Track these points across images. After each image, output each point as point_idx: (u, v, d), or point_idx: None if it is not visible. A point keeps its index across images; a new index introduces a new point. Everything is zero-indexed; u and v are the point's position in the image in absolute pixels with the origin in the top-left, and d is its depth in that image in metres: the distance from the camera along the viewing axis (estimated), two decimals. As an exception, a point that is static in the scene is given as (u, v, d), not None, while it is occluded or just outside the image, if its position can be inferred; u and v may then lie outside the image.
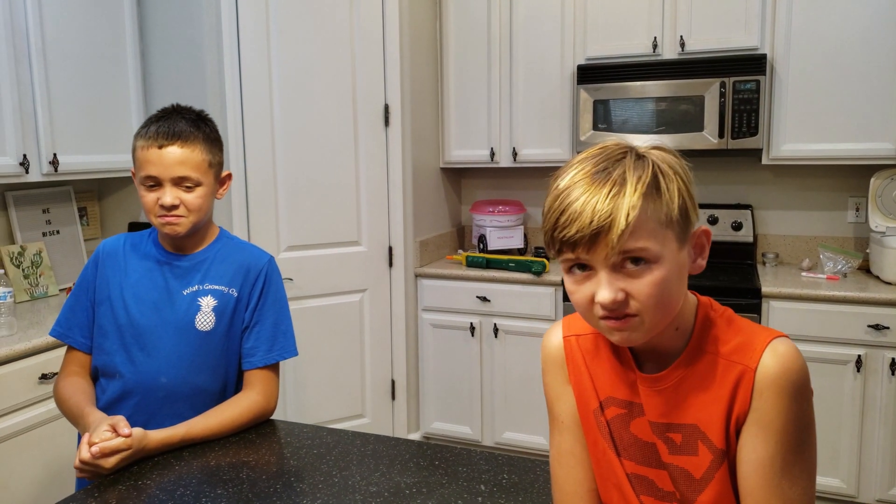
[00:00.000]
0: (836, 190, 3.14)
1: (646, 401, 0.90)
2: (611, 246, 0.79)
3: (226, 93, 2.71)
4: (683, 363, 0.88)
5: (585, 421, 0.97)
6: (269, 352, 1.51)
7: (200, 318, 1.46)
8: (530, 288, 3.07)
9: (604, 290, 0.81)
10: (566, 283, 0.86)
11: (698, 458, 0.87)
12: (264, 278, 1.53)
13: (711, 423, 0.86)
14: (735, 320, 0.90)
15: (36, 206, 2.74)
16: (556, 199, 0.83)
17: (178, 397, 1.45)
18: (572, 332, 1.00)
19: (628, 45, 3.07)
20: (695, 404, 0.87)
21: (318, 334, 3.01)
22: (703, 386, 0.87)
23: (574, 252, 0.81)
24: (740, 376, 0.84)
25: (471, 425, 3.26)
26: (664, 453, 0.90)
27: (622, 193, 0.80)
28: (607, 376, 0.95)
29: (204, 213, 1.47)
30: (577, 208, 0.80)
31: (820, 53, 2.79)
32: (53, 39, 2.43)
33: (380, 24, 3.03)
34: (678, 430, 0.88)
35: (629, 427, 0.92)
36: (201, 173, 1.44)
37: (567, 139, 3.23)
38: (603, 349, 0.96)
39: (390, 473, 1.24)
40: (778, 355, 0.83)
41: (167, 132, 1.41)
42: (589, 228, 0.79)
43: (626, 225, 0.78)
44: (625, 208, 0.79)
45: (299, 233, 2.94)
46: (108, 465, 1.23)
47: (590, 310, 0.84)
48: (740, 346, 0.86)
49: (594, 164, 0.83)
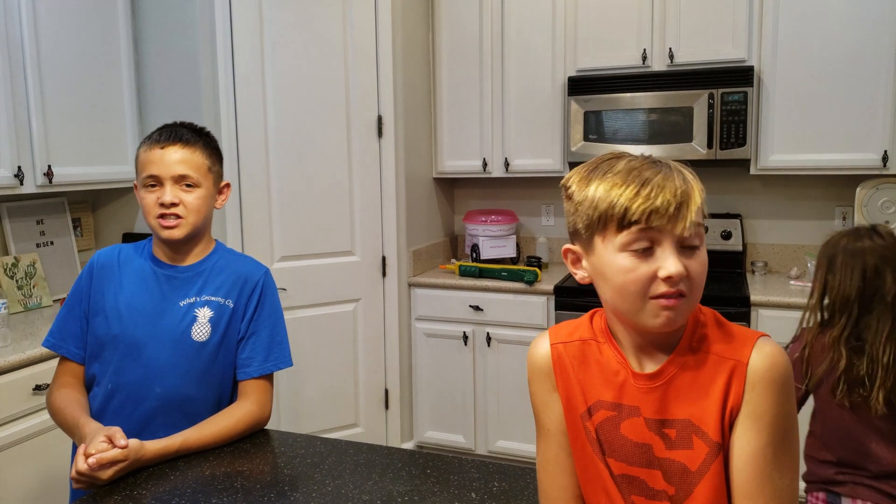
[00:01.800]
0: (823, 199, 3.18)
1: (641, 398, 0.93)
2: (689, 219, 0.85)
3: (220, 103, 2.73)
4: (677, 360, 0.92)
5: (572, 427, 1.00)
6: (264, 362, 1.53)
7: (196, 329, 1.47)
8: (523, 297, 3.10)
9: (674, 262, 0.84)
10: (619, 263, 0.87)
11: (693, 452, 0.90)
12: (261, 290, 1.54)
13: (705, 417, 0.90)
14: (722, 321, 0.95)
15: (30, 217, 2.75)
16: (628, 176, 0.87)
17: (171, 407, 1.46)
18: (559, 339, 1.02)
19: (618, 57, 3.12)
20: (688, 399, 0.91)
21: (311, 344, 3.02)
22: (695, 382, 0.91)
23: (649, 223, 0.84)
24: (732, 371, 0.89)
25: (464, 434, 3.28)
26: (660, 449, 0.92)
27: (687, 178, 0.87)
28: (595, 380, 0.97)
29: (202, 218, 1.49)
30: (659, 182, 0.85)
31: (806, 65, 2.83)
32: (48, 51, 2.45)
33: (373, 36, 3.06)
34: (672, 425, 0.92)
35: (619, 429, 0.95)
36: (201, 175, 1.47)
37: (558, 150, 3.27)
38: (590, 354, 0.99)
39: (383, 482, 1.26)
40: (766, 352, 0.89)
41: (169, 136, 1.46)
42: (675, 199, 0.84)
43: (700, 202, 0.86)
44: (697, 188, 0.87)
45: (293, 243, 2.96)
46: (105, 477, 1.24)
47: (644, 289, 0.86)
48: (729, 343, 0.91)
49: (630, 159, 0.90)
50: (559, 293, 3.02)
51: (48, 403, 1.49)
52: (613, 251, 0.88)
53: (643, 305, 0.87)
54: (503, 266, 3.23)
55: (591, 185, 0.89)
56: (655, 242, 0.86)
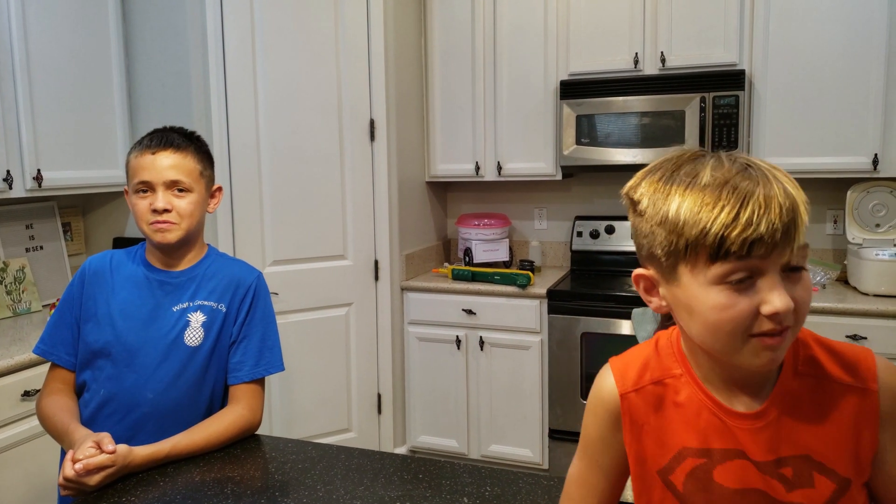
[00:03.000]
0: (814, 203, 3.20)
1: (746, 440, 0.80)
2: (798, 243, 0.70)
3: (211, 107, 2.72)
4: (784, 391, 0.80)
5: (641, 479, 0.88)
6: (255, 366, 1.52)
7: (189, 334, 1.46)
8: (515, 301, 3.09)
9: (780, 297, 0.70)
10: (712, 299, 0.73)
11: (816, 491, 0.78)
12: (253, 294, 1.54)
13: (829, 451, 0.78)
14: (822, 339, 0.83)
15: (19, 221, 2.73)
16: (720, 191, 0.70)
17: (163, 413, 1.45)
18: (629, 387, 0.88)
19: (610, 61, 3.12)
20: (805, 433, 0.79)
21: (304, 349, 3.01)
22: (812, 412, 0.79)
23: (750, 253, 0.69)
24: (860, 398, 0.78)
25: (457, 438, 3.27)
26: (780, 493, 0.79)
27: (787, 189, 0.71)
28: (676, 426, 0.84)
29: (195, 222, 1.48)
30: (761, 200, 0.69)
31: (797, 69, 2.85)
32: (38, 55, 2.44)
33: (365, 40, 3.06)
34: (789, 463, 0.79)
35: (713, 476, 0.82)
36: (193, 180, 1.46)
37: (551, 153, 3.27)
38: (667, 396, 0.85)
39: (374, 487, 1.25)
40: (891, 370, 0.79)
41: (160, 141, 1.45)
42: (780, 221, 0.68)
43: (807, 217, 0.71)
44: (801, 199, 0.71)
45: (285, 247, 2.95)
46: (92, 483, 1.23)
47: (744, 327, 0.72)
48: (843, 364, 0.80)
49: (714, 163, 0.74)
50: (552, 297, 3.02)
51: (38, 410, 1.47)
52: (704, 284, 0.73)
53: (742, 345, 0.73)
54: (496, 270, 3.23)
55: (670, 199, 0.74)
56: (757, 273, 0.71)
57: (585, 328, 2.96)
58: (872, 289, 2.71)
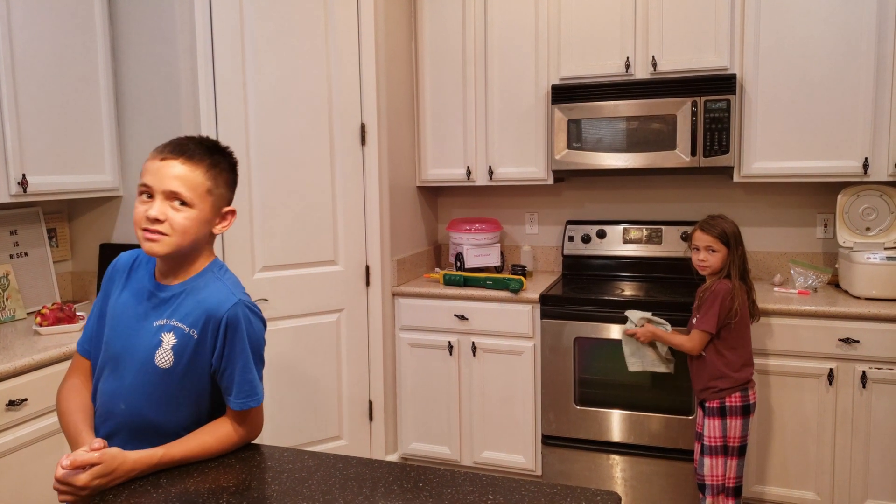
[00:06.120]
0: (805, 206, 3.21)
1: None
2: None
3: (200, 112, 2.68)
4: None
5: None
6: (236, 397, 1.44)
7: (159, 355, 1.40)
8: (508, 305, 3.08)
9: None
10: None
11: None
12: (225, 327, 1.42)
13: None
14: None
15: (3, 227, 2.68)
16: None
17: (134, 429, 1.40)
18: None
19: (601, 66, 3.12)
20: None
21: (294, 355, 2.97)
22: None
23: None
24: None
25: (449, 445, 3.24)
26: None
27: None
28: None
29: (189, 240, 1.41)
30: None
31: (788, 73, 2.86)
32: (23, 58, 2.39)
33: (355, 44, 3.04)
34: None
35: None
36: (196, 196, 1.39)
37: (542, 158, 3.26)
38: None
39: (374, 497, 1.22)
40: None
41: (174, 148, 1.40)
42: None
43: None
44: None
45: (275, 253, 2.91)
46: (79, 483, 1.21)
47: None
48: None
49: None
50: (545, 301, 3.01)
51: (57, 396, 1.51)
52: None
53: None
54: (488, 275, 3.21)
55: None
56: None
57: (578, 333, 2.94)
58: (864, 292, 2.72)
